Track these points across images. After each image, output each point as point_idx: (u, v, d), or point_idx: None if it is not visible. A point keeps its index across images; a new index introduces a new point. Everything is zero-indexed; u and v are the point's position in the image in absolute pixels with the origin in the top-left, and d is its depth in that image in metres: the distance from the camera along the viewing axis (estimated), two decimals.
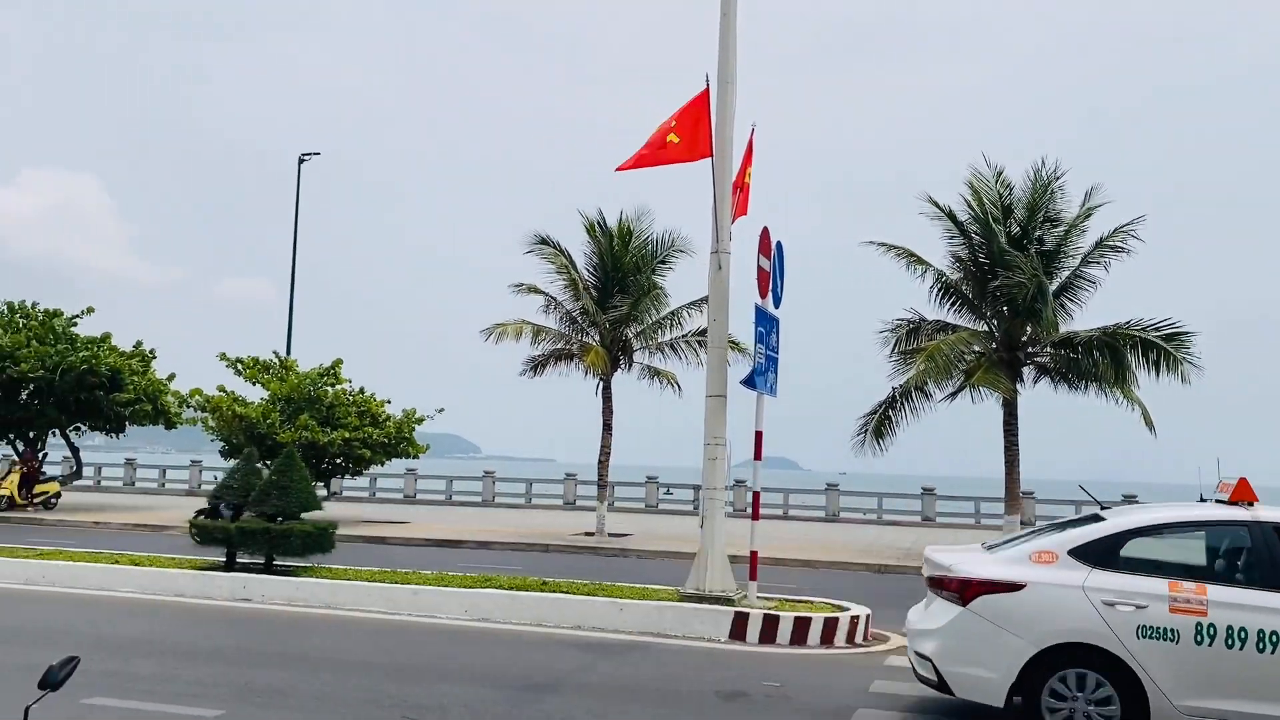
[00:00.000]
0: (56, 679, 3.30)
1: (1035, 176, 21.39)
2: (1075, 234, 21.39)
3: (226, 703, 7.87)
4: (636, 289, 23.88)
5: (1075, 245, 21.55)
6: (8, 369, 26.74)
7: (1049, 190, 21.31)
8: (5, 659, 9.16)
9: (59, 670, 3.31)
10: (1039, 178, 21.34)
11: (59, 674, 3.31)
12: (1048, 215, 21.50)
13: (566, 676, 9.27)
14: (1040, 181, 21.31)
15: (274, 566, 13.49)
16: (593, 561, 19.91)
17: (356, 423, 25.76)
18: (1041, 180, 21.30)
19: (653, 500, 33.85)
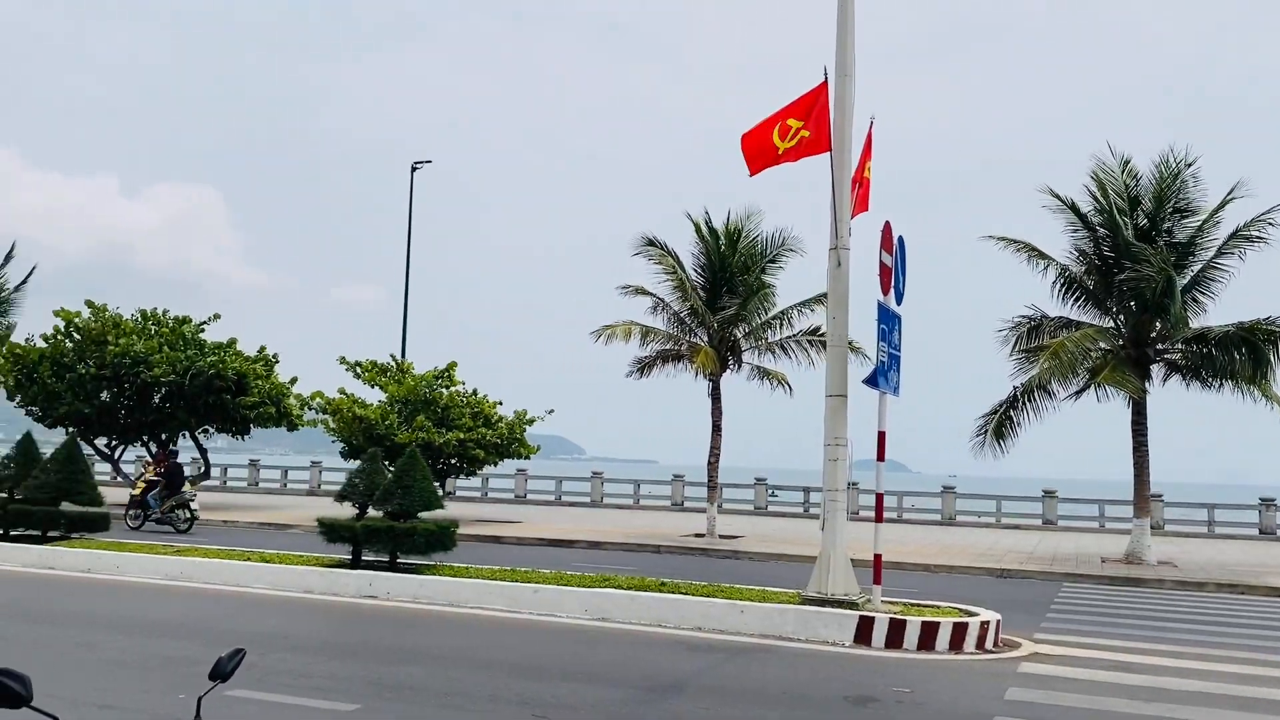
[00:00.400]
0: (225, 670, 3.36)
1: (1163, 166, 20.52)
2: (1210, 225, 20.45)
3: (361, 697, 8.03)
4: (745, 289, 23.72)
5: (1209, 237, 20.60)
6: (142, 374, 27.99)
7: (1178, 179, 20.41)
8: (157, 650, 9.54)
9: (228, 662, 3.38)
10: (1167, 167, 20.46)
11: (228, 666, 3.37)
12: (1177, 205, 20.61)
13: (690, 678, 9.20)
14: (1169, 170, 20.43)
15: (398, 564, 13.77)
16: (705, 563, 19.83)
17: (470, 424, 26.21)
18: (1170, 169, 20.42)
19: (762, 502, 33.58)
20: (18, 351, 29.02)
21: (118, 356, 27.91)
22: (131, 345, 27.99)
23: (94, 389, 28.62)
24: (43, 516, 16.10)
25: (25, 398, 28.93)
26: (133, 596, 12.96)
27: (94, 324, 28.85)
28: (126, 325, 29.08)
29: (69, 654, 9.31)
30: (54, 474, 16.16)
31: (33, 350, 28.95)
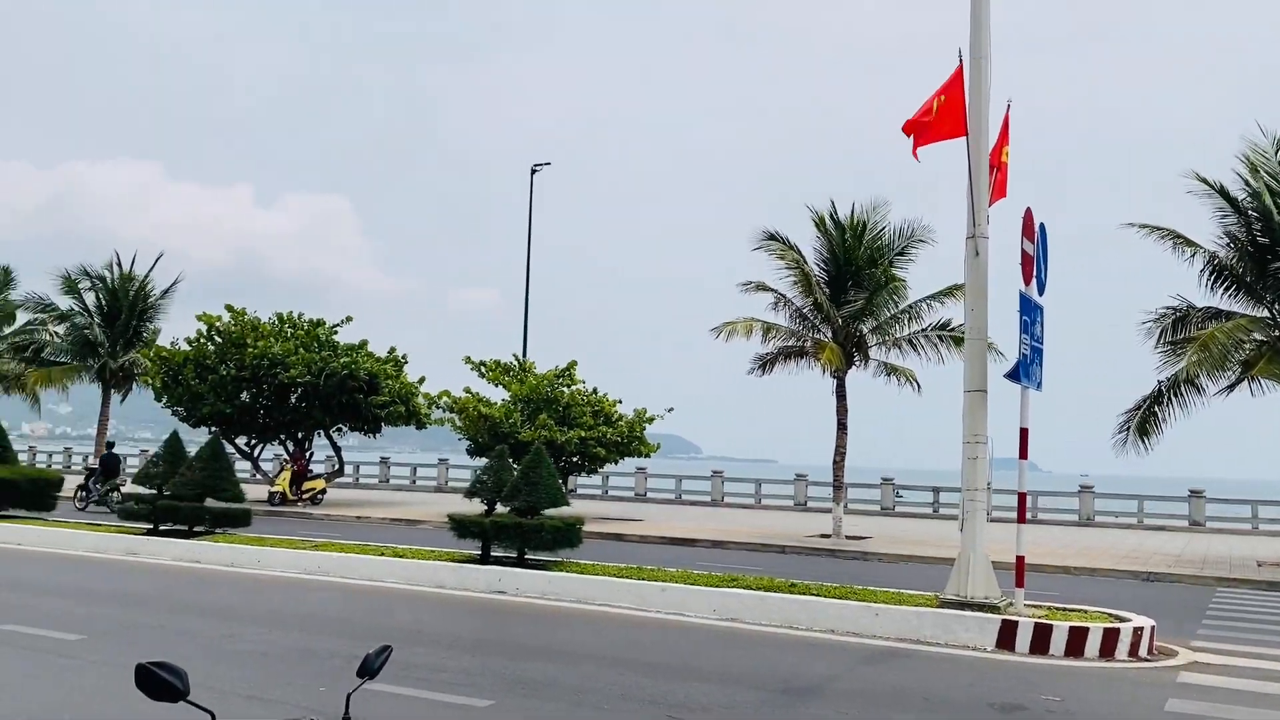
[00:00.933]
0: (373, 667, 3.31)
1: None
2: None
3: (495, 693, 8.04)
4: (871, 283, 23.16)
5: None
6: (279, 375, 29.05)
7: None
8: (299, 643, 9.78)
9: (375, 659, 3.33)
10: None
11: (375, 662, 3.32)
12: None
13: (825, 682, 8.95)
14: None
15: (525, 560, 13.87)
16: (832, 564, 19.43)
17: (591, 422, 26.35)
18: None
19: (888, 502, 32.81)
20: (164, 354, 30.48)
21: (256, 358, 29.03)
22: (269, 347, 29.08)
23: (234, 390, 29.84)
24: (189, 512, 16.80)
25: (171, 398, 30.35)
26: (273, 590, 13.38)
27: (234, 327, 30.08)
28: (264, 328, 30.23)
29: (215, 645, 9.62)
30: (199, 472, 16.85)
31: (178, 353, 30.36)
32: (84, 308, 35.35)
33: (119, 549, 16.35)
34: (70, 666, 8.60)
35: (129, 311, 34.94)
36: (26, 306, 36.92)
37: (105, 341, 34.43)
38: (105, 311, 35.27)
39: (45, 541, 17.24)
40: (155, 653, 9.06)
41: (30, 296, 36.72)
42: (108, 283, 35.36)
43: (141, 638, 9.86)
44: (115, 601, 12.00)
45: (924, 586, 13.24)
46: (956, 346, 23.21)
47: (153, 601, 12.09)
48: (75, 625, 10.27)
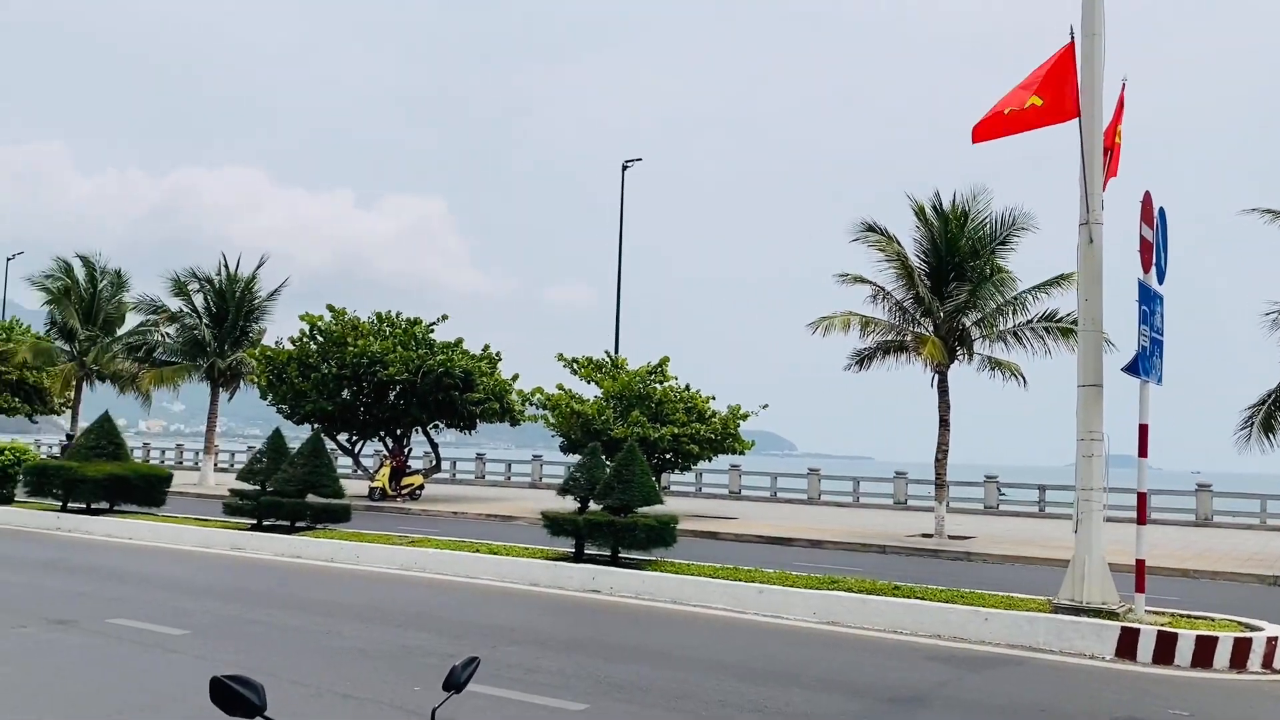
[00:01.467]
0: (459, 681, 3.15)
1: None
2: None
3: (589, 696, 7.88)
4: (975, 274, 22.37)
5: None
6: (378, 372, 29.52)
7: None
8: (395, 640, 9.77)
9: (461, 672, 3.16)
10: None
11: (461, 675, 3.16)
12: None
13: (932, 690, 8.56)
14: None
15: (619, 559, 13.70)
16: (935, 565, 18.83)
17: (684, 419, 26.10)
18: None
19: (991, 501, 31.79)
20: (269, 354, 31.27)
21: (357, 356, 29.55)
22: (369, 346, 29.58)
23: (336, 387, 30.43)
24: (291, 508, 17.09)
25: (276, 396, 31.12)
26: (371, 585, 13.48)
27: (335, 327, 30.68)
28: (364, 327, 30.76)
29: (316, 641, 9.68)
30: (301, 468, 17.13)
31: (282, 353, 31.11)
32: (193, 309, 36.49)
33: (224, 544, 16.72)
34: (174, 662, 8.72)
35: (236, 312, 35.95)
36: (139, 308, 38.29)
37: (213, 341, 35.49)
38: (213, 313, 36.36)
39: (155, 536, 17.75)
40: (257, 649, 9.16)
41: (143, 298, 38.07)
42: (215, 285, 36.43)
43: (243, 633, 9.97)
44: (220, 596, 12.21)
45: (1033, 590, 12.67)
46: (1064, 338, 22.32)
47: (255, 597, 12.27)
48: (180, 620, 10.46)
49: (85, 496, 19.56)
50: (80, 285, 39.66)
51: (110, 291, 40.01)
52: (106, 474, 19.22)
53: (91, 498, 19.63)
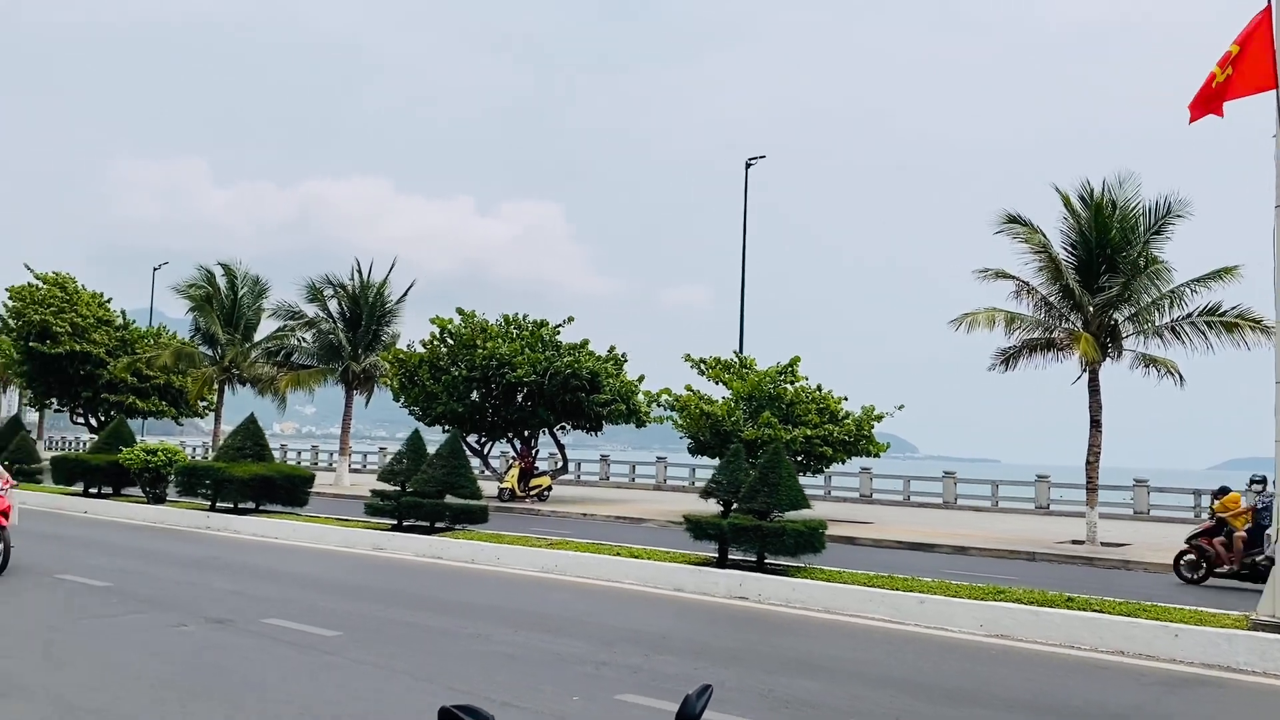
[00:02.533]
0: (695, 712, 2.77)
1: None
2: None
3: (755, 711, 7.47)
4: (1127, 265, 21.11)
5: None
6: (507, 374, 29.73)
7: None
8: (545, 646, 9.54)
9: (696, 701, 2.79)
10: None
11: (697, 706, 2.78)
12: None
13: (1128, 713, 7.87)
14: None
15: (764, 564, 13.25)
16: (1091, 574, 17.79)
17: (817, 420, 25.44)
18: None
19: (1142, 506, 30.12)
20: (400, 356, 31.84)
21: (486, 359, 29.82)
22: (497, 348, 29.81)
23: (465, 389, 30.78)
24: (430, 509, 17.18)
25: (408, 398, 31.66)
26: (513, 588, 13.34)
27: (464, 329, 31.03)
28: (492, 330, 31.04)
29: (465, 645, 9.52)
30: (439, 469, 17.20)
31: (413, 355, 31.64)
32: (328, 314, 37.48)
33: (366, 544, 16.89)
34: (332, 664, 8.66)
35: (369, 317, 36.77)
36: (277, 314, 39.54)
37: (348, 345, 36.37)
38: (347, 317, 37.28)
39: (300, 535, 18.07)
40: (410, 652, 9.02)
41: (281, 304, 39.30)
42: (349, 290, 37.33)
43: (395, 635, 9.89)
44: (367, 597, 12.22)
45: (1208, 604, 11.75)
46: (1228, 333, 20.92)
47: (402, 598, 12.23)
48: (332, 621, 10.45)
49: (232, 496, 20.10)
50: (221, 292, 41.20)
51: (250, 298, 41.46)
52: (253, 474, 19.71)
53: (238, 497, 20.16)
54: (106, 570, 13.63)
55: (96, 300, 43.18)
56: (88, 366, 40.86)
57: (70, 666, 8.36)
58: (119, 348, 41.79)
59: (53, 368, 40.51)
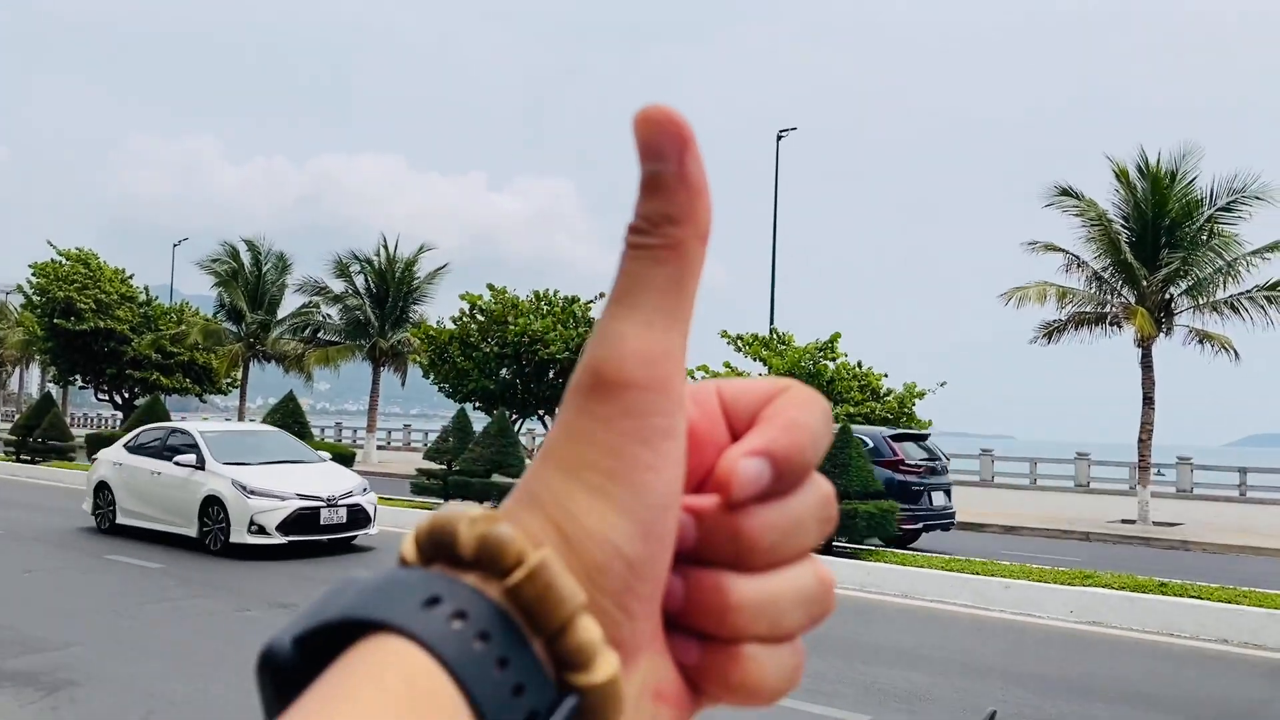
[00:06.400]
0: None
1: None
2: None
3: (865, 705, 7.11)
4: (1186, 240, 20.55)
5: None
6: (539, 351, 29.34)
7: None
8: None
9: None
10: None
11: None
12: None
13: (1257, 708, 7.49)
14: None
15: (832, 548, 12.87)
16: (1150, 555, 17.39)
17: (859, 397, 25.00)
18: None
19: (1186, 484, 29.63)
20: (431, 333, 31.49)
21: (517, 335, 29.43)
22: (529, 324, 29.41)
23: (496, 366, 30.42)
24: (479, 488, 16.85)
25: (438, 375, 31.33)
26: None
27: (495, 305, 30.63)
28: (523, 306, 30.63)
29: None
30: (487, 447, 16.87)
31: (443, 332, 31.28)
32: (355, 290, 37.16)
33: (414, 524, 16.56)
34: None
35: (396, 293, 36.43)
36: (303, 289, 39.25)
37: (375, 322, 36.06)
38: (374, 293, 36.96)
39: None
40: None
41: (306, 280, 38.99)
42: (375, 266, 37.00)
43: None
44: None
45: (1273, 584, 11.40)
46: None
47: None
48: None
49: None
50: (246, 268, 40.93)
51: (274, 274, 41.19)
52: None
53: None
54: (156, 552, 13.33)
55: (119, 276, 42.86)
56: (111, 343, 40.58)
57: (145, 653, 8.08)
58: (142, 324, 41.51)
59: (77, 345, 40.25)
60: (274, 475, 13.21)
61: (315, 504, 12.80)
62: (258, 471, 13.24)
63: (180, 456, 13.62)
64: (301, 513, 12.66)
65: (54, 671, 7.36)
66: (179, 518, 13.46)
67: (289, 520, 12.57)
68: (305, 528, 12.71)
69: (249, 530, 12.51)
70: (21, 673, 7.33)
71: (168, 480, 13.77)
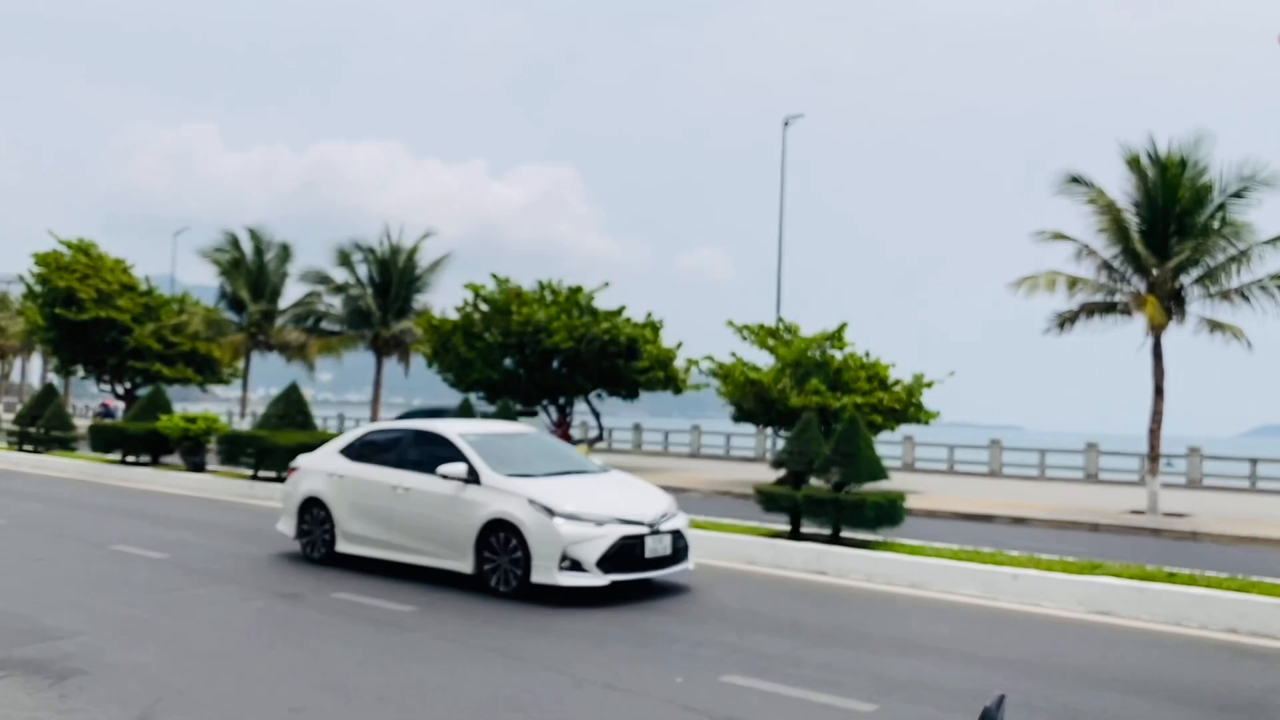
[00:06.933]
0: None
1: None
2: None
3: (871, 694, 7.02)
4: (1196, 228, 20.38)
5: None
6: (543, 341, 29.25)
7: None
8: (637, 622, 9.11)
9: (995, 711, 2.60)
10: None
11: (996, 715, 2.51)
12: None
13: (1264, 697, 7.38)
14: None
15: (840, 538, 12.76)
16: (1161, 546, 17.26)
17: (867, 387, 24.87)
18: None
19: (1195, 475, 29.51)
20: (434, 323, 31.42)
21: (521, 325, 29.34)
22: (533, 314, 29.32)
23: (500, 356, 30.34)
24: None
25: (442, 365, 31.28)
26: None
27: (499, 295, 30.53)
28: (527, 295, 30.52)
29: (563, 627, 9.08)
30: None
31: (447, 322, 31.21)
32: (357, 279, 37.08)
33: None
34: (412, 642, 8.28)
35: (398, 282, 36.35)
36: (305, 278, 39.19)
37: (377, 311, 35.98)
38: (376, 283, 36.87)
39: None
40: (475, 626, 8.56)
41: (308, 270, 38.93)
42: (377, 255, 36.90)
43: (467, 610, 9.49)
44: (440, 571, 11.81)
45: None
46: None
47: None
48: (401, 595, 10.06)
49: (277, 465, 19.75)
50: (248, 258, 40.86)
51: (276, 264, 41.12)
52: (298, 443, 19.32)
53: (283, 466, 19.76)
54: (160, 541, 13.29)
55: (120, 266, 42.82)
56: (113, 333, 40.56)
57: (151, 643, 8.03)
58: (144, 314, 41.49)
59: (78, 334, 40.24)
60: (573, 491, 10.24)
61: (639, 531, 9.99)
62: (552, 486, 10.26)
63: (445, 467, 10.54)
64: (625, 543, 9.86)
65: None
66: (443, 547, 10.46)
67: (611, 553, 9.77)
68: (628, 563, 9.91)
69: (560, 566, 9.67)
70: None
71: (423, 498, 10.68)
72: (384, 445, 11.61)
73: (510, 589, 9.88)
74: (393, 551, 10.98)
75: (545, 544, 9.72)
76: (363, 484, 11.34)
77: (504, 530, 9.98)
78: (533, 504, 9.91)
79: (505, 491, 10.14)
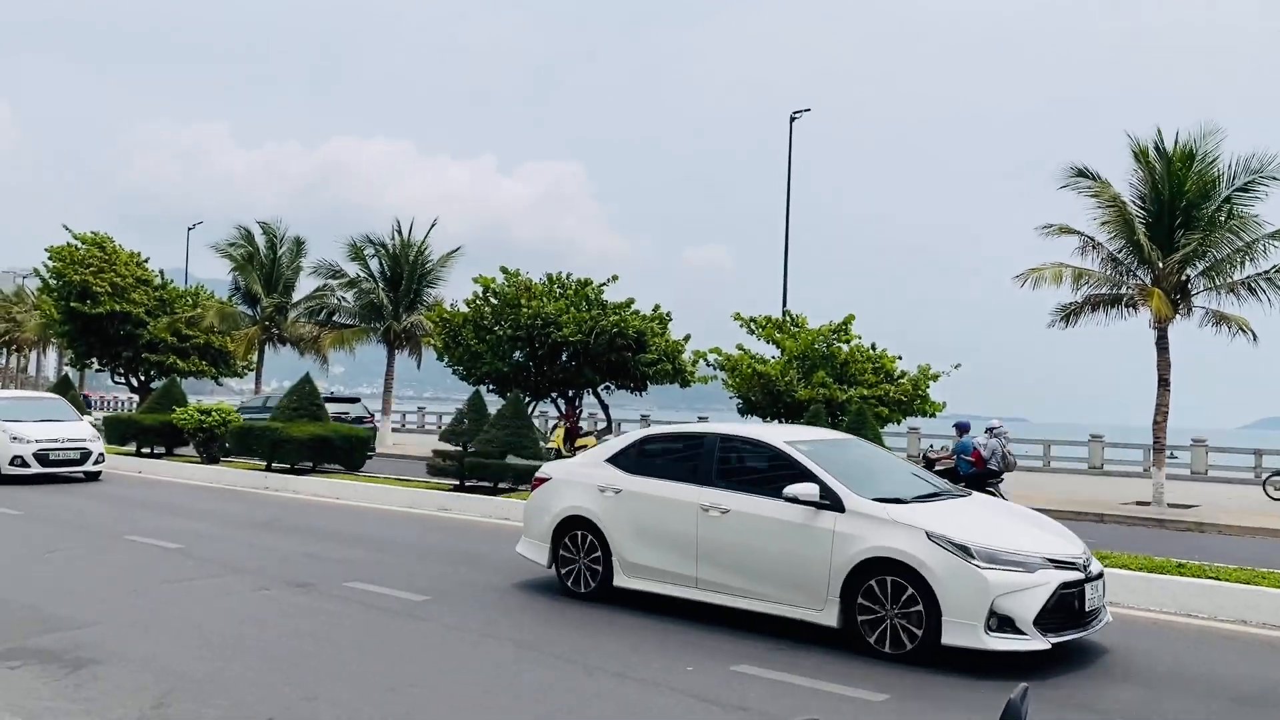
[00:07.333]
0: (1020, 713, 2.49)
1: None
2: None
3: (881, 685, 7.11)
4: (1203, 221, 20.39)
5: None
6: (552, 334, 29.34)
7: None
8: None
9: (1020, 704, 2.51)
10: None
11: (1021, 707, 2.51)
12: None
13: (1276, 689, 7.48)
14: None
15: None
16: (1167, 537, 17.35)
17: (874, 379, 24.89)
18: None
19: (1200, 467, 29.53)
20: (445, 316, 31.54)
21: (530, 318, 29.44)
22: (542, 307, 29.41)
23: (509, 349, 30.44)
24: (495, 469, 16.90)
25: (452, 358, 31.40)
26: None
27: (508, 289, 30.63)
28: (536, 289, 30.61)
29: (561, 616, 9.21)
30: (502, 430, 16.90)
31: (457, 315, 31.32)
32: (369, 273, 37.24)
33: (431, 505, 16.64)
34: (427, 630, 8.40)
35: (410, 276, 36.50)
36: (316, 272, 39.36)
37: (389, 305, 36.13)
38: (388, 277, 37.03)
39: (362, 496, 17.82)
40: (505, 617, 8.71)
41: (320, 263, 39.09)
42: (389, 249, 37.04)
43: (486, 600, 9.62)
44: (445, 559, 11.97)
45: None
46: None
47: (480, 561, 11.89)
48: (415, 584, 10.20)
49: (290, 457, 19.93)
50: (261, 252, 41.03)
51: (289, 258, 41.31)
52: (311, 435, 19.53)
53: (296, 458, 19.99)
54: (174, 532, 13.44)
55: (135, 260, 43.03)
56: (128, 326, 40.78)
57: (164, 633, 8.15)
58: (158, 307, 41.70)
59: (93, 328, 40.46)
60: (971, 522, 7.93)
61: (1074, 575, 7.72)
62: (944, 514, 8.00)
63: (795, 487, 8.08)
64: (1064, 592, 7.54)
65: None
66: (786, 590, 8.18)
67: (1049, 607, 7.45)
68: (1067, 618, 7.64)
69: (987, 628, 7.34)
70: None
71: (752, 524, 8.39)
72: (674, 454, 9.47)
73: (901, 653, 7.56)
74: (701, 591, 8.73)
75: (963, 595, 7.35)
76: (653, 502, 9.09)
77: (889, 573, 7.64)
78: (934, 540, 7.54)
79: (884, 521, 7.79)
